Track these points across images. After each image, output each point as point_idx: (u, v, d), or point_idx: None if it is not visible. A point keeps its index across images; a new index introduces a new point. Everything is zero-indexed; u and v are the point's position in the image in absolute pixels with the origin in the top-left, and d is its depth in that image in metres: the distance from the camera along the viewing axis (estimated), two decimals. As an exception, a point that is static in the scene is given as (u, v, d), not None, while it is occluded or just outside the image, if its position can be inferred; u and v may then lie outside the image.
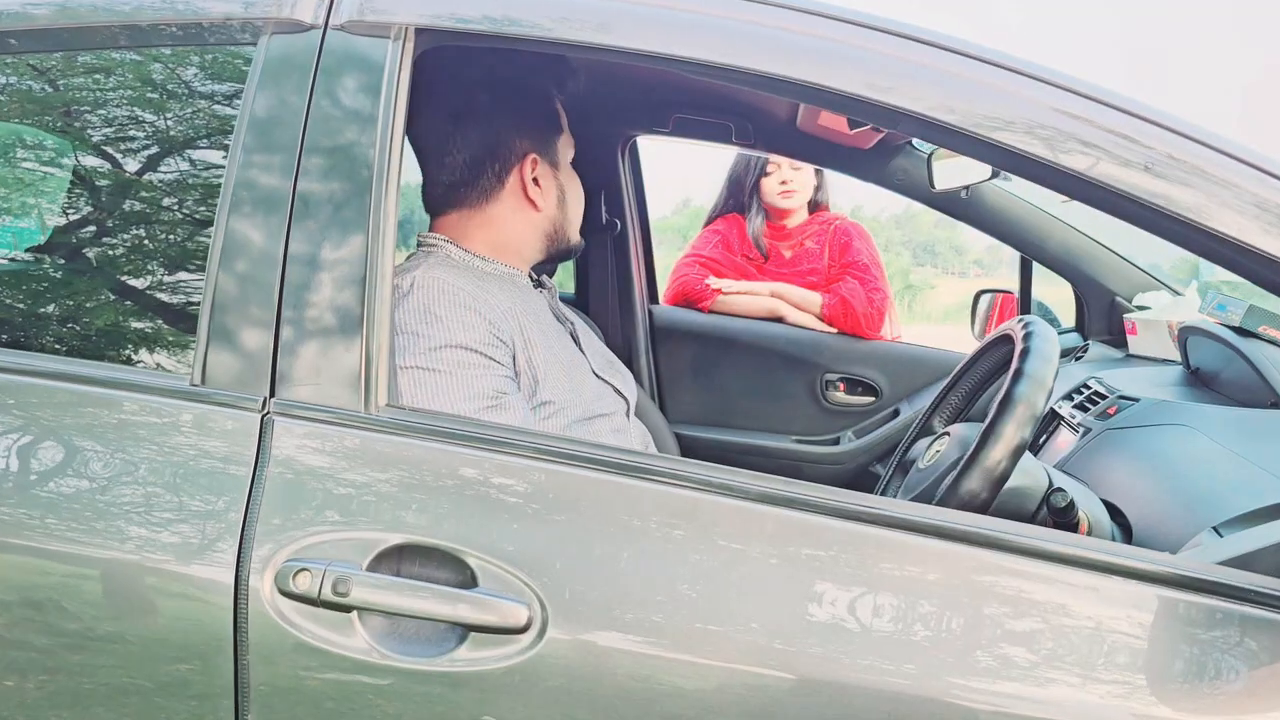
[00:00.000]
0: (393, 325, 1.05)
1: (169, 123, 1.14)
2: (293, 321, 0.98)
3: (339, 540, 0.91)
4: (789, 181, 2.49)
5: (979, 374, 1.41)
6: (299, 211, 0.99)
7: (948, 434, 1.31)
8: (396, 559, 0.91)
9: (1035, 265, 2.30)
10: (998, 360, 1.37)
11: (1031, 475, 1.20)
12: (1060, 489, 1.13)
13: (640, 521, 0.92)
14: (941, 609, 0.88)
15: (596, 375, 1.40)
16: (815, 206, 2.58)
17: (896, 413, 2.32)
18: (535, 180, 1.33)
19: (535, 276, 1.45)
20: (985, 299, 2.51)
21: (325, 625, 0.89)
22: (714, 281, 2.47)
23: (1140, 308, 2.06)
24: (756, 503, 0.92)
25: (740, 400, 2.40)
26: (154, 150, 1.13)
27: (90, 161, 1.16)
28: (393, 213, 1.00)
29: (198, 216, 1.11)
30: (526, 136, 1.33)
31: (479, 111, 1.31)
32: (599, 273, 2.36)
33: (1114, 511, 1.25)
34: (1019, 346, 1.20)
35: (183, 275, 1.10)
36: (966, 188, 1.74)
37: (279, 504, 0.93)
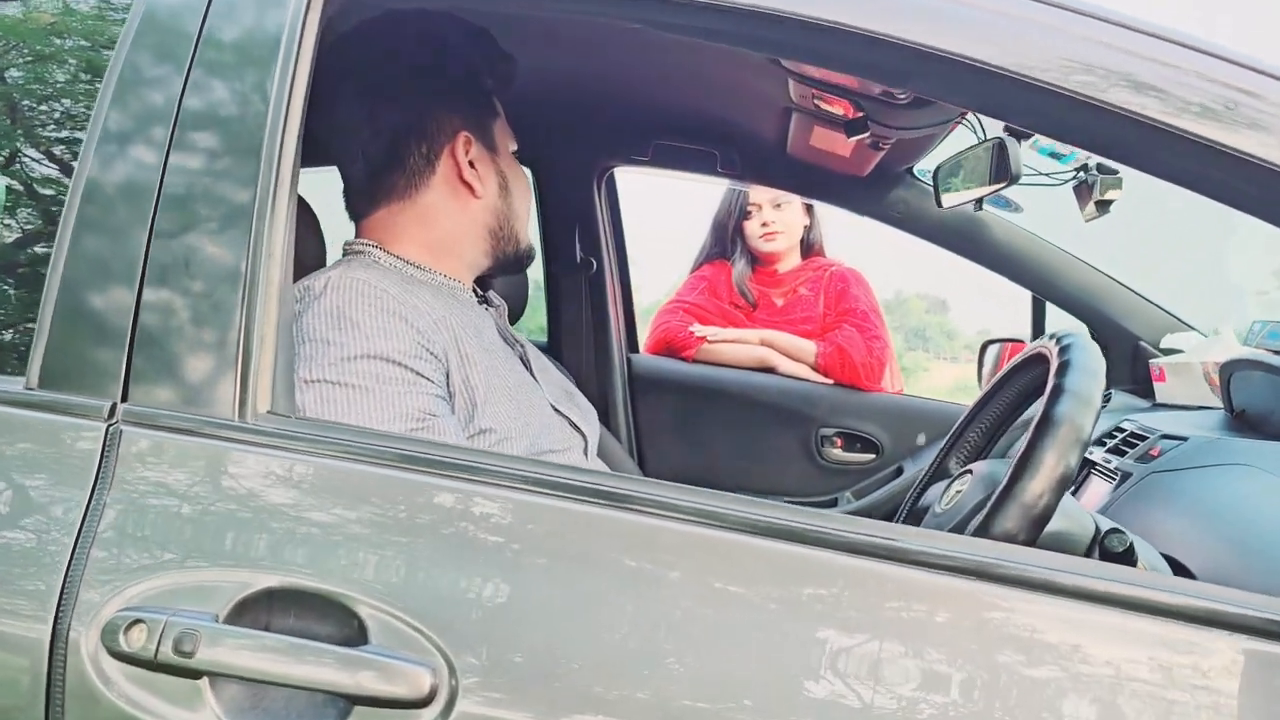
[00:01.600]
0: (292, 329, 0.86)
1: (26, 85, 0.95)
2: (154, 311, 0.78)
3: (191, 583, 0.70)
4: (771, 223, 2.31)
5: (1003, 405, 1.21)
6: (170, 186, 0.81)
7: (969, 472, 1.10)
8: (265, 608, 0.70)
9: (1049, 309, 2.11)
10: (1027, 386, 1.17)
11: (1074, 518, 0.99)
12: (1118, 529, 0.92)
13: (593, 557, 0.71)
14: (980, 669, 0.66)
15: (551, 406, 1.20)
16: (809, 250, 2.40)
17: (900, 471, 2.11)
18: (471, 164, 1.15)
19: (481, 292, 1.25)
20: (993, 350, 2.31)
21: (164, 695, 0.68)
22: (699, 329, 2.27)
23: (1168, 351, 1.87)
24: (752, 536, 0.71)
25: (727, 457, 2.19)
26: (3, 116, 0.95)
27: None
28: (286, 193, 0.81)
29: (46, 188, 0.91)
30: (456, 112, 1.15)
31: (398, 87, 1.13)
32: (572, 317, 2.17)
33: (1173, 565, 1.04)
34: (1055, 362, 1.00)
35: (25, 256, 0.90)
36: (980, 200, 1.56)
37: (119, 535, 0.72)
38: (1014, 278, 1.97)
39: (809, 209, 2.37)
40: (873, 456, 2.15)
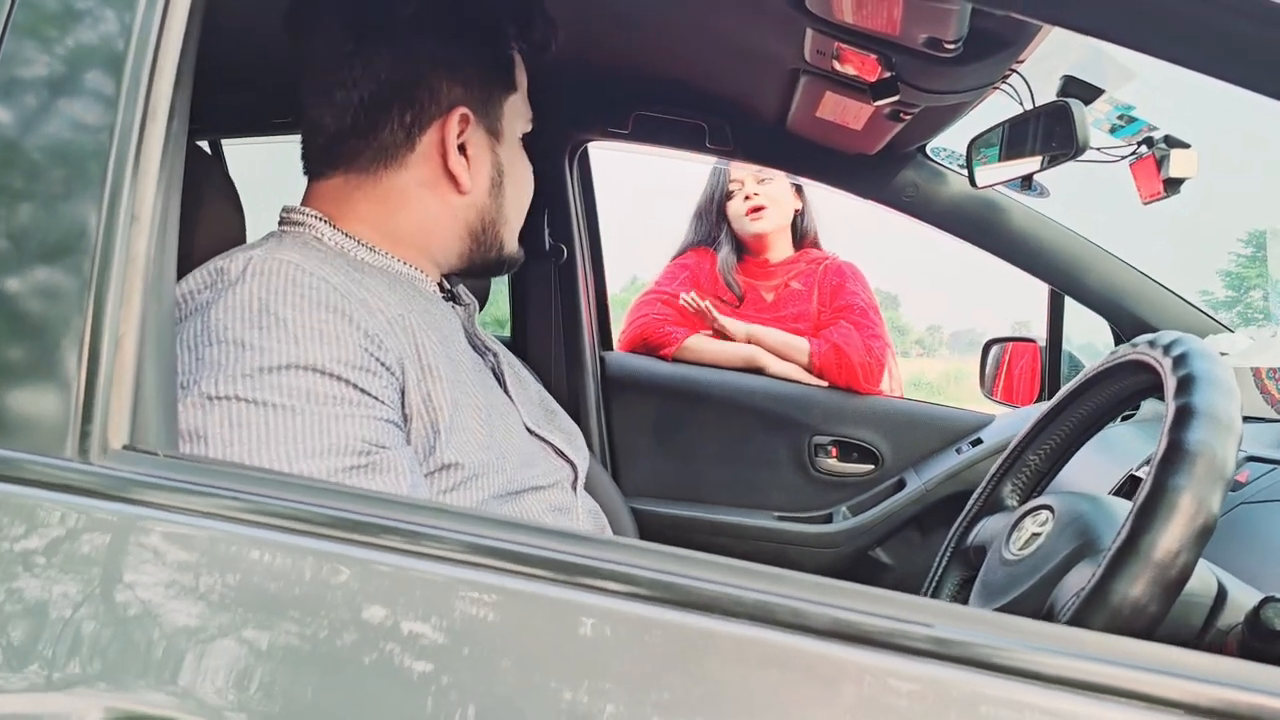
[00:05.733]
0: (171, 327, 0.61)
1: None
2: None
3: (-13, 716, 0.46)
4: (755, 196, 2.09)
5: (1076, 423, 1.00)
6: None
7: (1048, 509, 0.89)
8: (101, 754, 0.46)
9: (1066, 307, 1.92)
10: (1109, 401, 0.96)
11: (1196, 574, 0.78)
12: (1277, 599, 0.71)
13: (573, 681, 0.48)
14: None
15: (529, 430, 0.97)
16: (802, 240, 2.18)
17: (901, 484, 1.90)
18: (462, 148, 0.91)
19: (448, 288, 1.01)
20: (995, 350, 2.13)
21: None
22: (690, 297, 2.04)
23: (1206, 355, 1.67)
24: (813, 638, 0.48)
25: (711, 468, 1.97)
26: None
27: None
28: (159, 141, 0.58)
29: None
30: (459, 81, 0.90)
31: (395, 28, 0.88)
32: (540, 310, 1.93)
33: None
34: (1173, 375, 0.79)
35: None
36: (1029, 177, 1.35)
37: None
38: (1033, 270, 1.77)
39: (799, 191, 2.16)
40: (871, 468, 1.94)
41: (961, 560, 1.03)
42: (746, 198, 2.10)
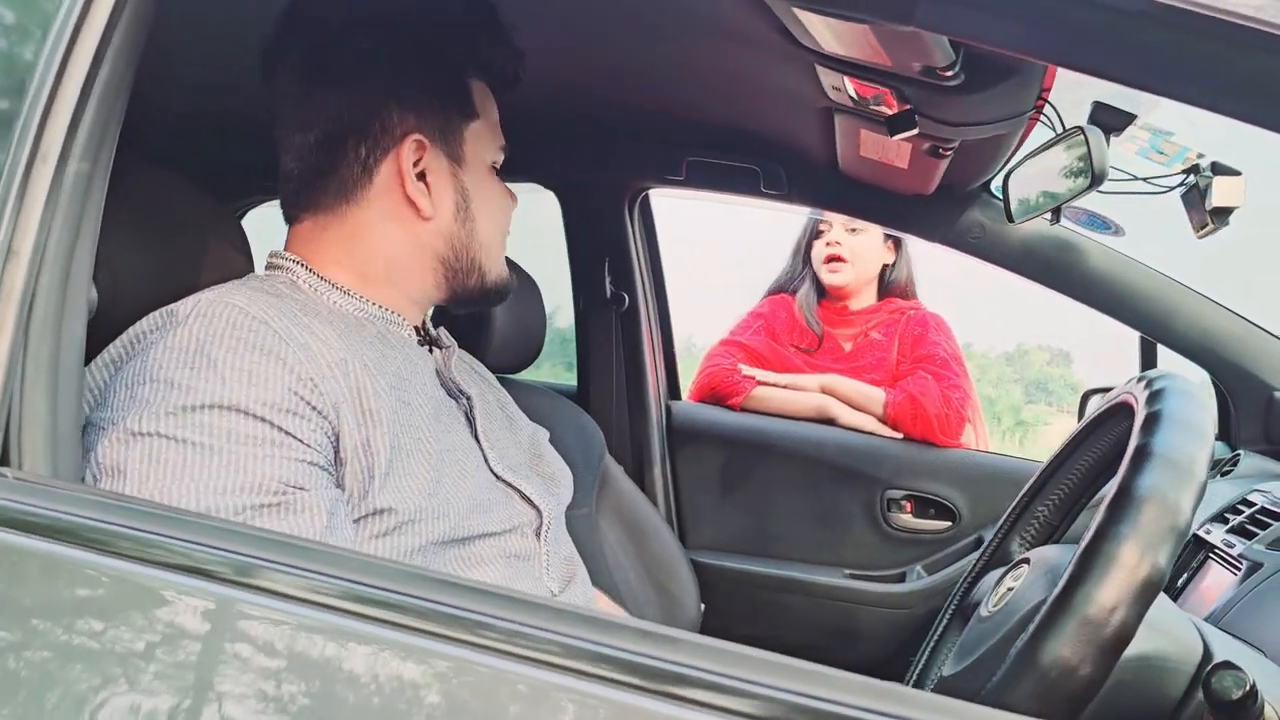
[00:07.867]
0: (69, 363, 0.64)
1: None
2: None
3: None
4: (837, 244, 2.03)
5: (1081, 471, 0.92)
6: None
7: (1027, 562, 0.82)
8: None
9: (1162, 352, 1.78)
10: (1113, 447, 0.88)
11: (1173, 635, 0.70)
12: (1230, 665, 0.63)
13: None
14: None
15: (493, 474, 0.96)
16: (887, 290, 2.11)
17: (980, 542, 1.79)
18: (421, 175, 0.92)
19: (428, 332, 1.02)
20: (1095, 400, 1.98)
21: None
22: (747, 369, 2.00)
23: (1312, 404, 1.52)
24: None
25: (779, 522, 1.90)
26: None
27: None
28: (46, 180, 0.61)
29: None
30: (410, 110, 0.92)
31: (343, 67, 0.91)
32: (602, 359, 1.93)
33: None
34: (1141, 413, 0.72)
35: None
36: (1056, 212, 1.25)
37: None
38: (1117, 315, 1.65)
39: (896, 245, 2.08)
40: (948, 524, 1.84)
41: (961, 619, 0.96)
42: (828, 244, 2.05)
